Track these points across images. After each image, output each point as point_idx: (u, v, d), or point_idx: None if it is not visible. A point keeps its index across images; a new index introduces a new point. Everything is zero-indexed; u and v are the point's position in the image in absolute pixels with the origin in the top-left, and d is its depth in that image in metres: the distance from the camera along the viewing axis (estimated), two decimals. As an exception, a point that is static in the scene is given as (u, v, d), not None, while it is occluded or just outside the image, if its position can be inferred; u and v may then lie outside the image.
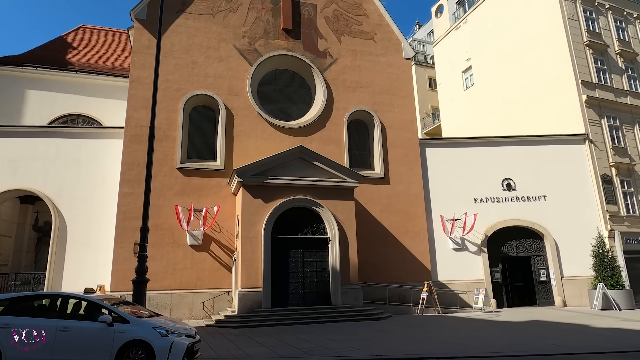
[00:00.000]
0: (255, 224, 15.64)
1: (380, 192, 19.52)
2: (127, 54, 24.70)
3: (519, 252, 20.45)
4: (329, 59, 20.53)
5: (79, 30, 26.71)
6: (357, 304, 15.93)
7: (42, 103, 21.71)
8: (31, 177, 17.25)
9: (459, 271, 19.46)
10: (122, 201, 16.34)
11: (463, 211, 19.84)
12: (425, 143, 21.45)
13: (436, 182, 20.46)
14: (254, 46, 19.60)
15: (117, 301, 8.82)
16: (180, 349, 7.80)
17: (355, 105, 20.32)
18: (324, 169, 16.85)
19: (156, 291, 15.58)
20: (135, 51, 18.07)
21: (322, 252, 16.26)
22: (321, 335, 12.07)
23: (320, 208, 16.42)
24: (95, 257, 16.53)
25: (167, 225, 16.59)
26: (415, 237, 19.42)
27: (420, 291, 17.88)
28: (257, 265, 15.30)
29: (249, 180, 15.95)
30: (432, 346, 10.38)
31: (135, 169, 16.59)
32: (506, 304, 19.64)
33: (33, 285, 16.89)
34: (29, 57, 22.96)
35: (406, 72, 21.78)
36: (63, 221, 17.05)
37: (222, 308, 16.26)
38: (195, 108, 18.60)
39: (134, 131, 17.08)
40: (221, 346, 10.54)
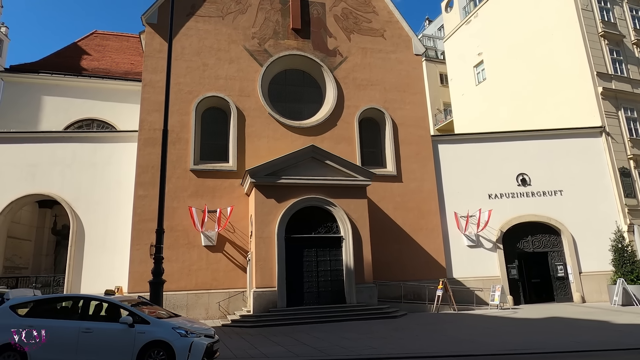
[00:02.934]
0: (268, 224, 15.72)
1: (393, 189, 19.44)
2: (139, 58, 25.02)
3: (535, 248, 20.17)
4: (339, 57, 20.50)
5: (91, 36, 27.14)
6: (371, 303, 15.90)
7: (58, 109, 22.14)
8: (49, 181, 17.60)
9: (474, 268, 19.28)
10: (138, 203, 16.57)
11: (477, 207, 19.65)
12: (437, 139, 21.28)
13: (449, 179, 20.29)
14: (263, 47, 19.67)
15: (136, 302, 8.95)
16: (200, 349, 7.90)
17: (366, 103, 20.26)
18: (336, 167, 16.84)
19: (172, 292, 15.77)
20: (147, 55, 18.29)
21: (336, 251, 16.27)
22: (336, 334, 12.09)
23: (333, 207, 16.43)
24: (113, 259, 16.80)
25: (182, 227, 16.77)
26: (429, 235, 19.30)
27: (435, 289, 17.77)
28: (272, 265, 15.37)
29: (261, 180, 16.03)
30: (448, 344, 10.31)
31: (149, 171, 16.81)
32: (523, 301, 19.39)
33: (53, 288, 17.27)
34: (44, 64, 23.43)
35: (417, 68, 21.64)
36: (81, 224, 17.37)
37: (238, 308, 16.39)
38: (207, 110, 18.75)
39: (148, 134, 17.30)
40: (238, 346, 10.63)
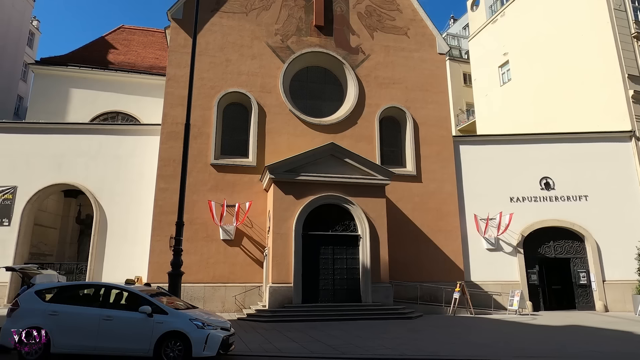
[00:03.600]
0: (286, 220, 15.79)
1: (412, 190, 19.26)
2: (164, 53, 25.42)
3: (557, 253, 19.70)
4: (361, 55, 20.39)
5: (118, 31, 27.70)
6: (387, 303, 15.82)
7: (85, 101, 22.69)
8: (75, 172, 18.08)
9: (493, 272, 18.96)
10: (159, 196, 16.87)
11: (498, 210, 19.30)
12: (459, 140, 20.98)
13: (470, 181, 19.99)
14: (286, 43, 19.72)
15: (155, 292, 9.12)
16: (216, 342, 8.00)
17: (388, 101, 20.11)
18: (355, 166, 16.79)
19: (190, 284, 16.01)
20: (172, 50, 18.56)
21: (353, 249, 16.24)
22: (351, 332, 12.07)
23: (351, 205, 16.39)
24: (133, 250, 17.16)
25: (201, 220, 17.00)
26: (447, 236, 19.07)
27: (452, 291, 17.56)
28: (288, 261, 15.45)
29: (280, 176, 16.11)
30: (463, 348, 10.18)
31: (171, 165, 17.09)
32: (543, 307, 18.98)
33: (76, 275, 17.76)
34: (72, 57, 24.03)
35: (440, 67, 21.35)
36: (104, 214, 17.79)
37: (254, 302, 16.54)
38: (229, 105, 18.93)
39: (170, 128, 17.58)
40: (253, 340, 10.73)
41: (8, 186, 17.60)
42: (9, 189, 17.58)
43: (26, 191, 17.59)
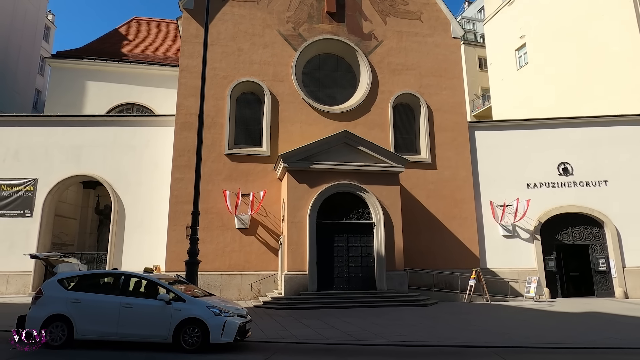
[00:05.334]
0: (300, 208, 15.86)
1: (427, 177, 19.11)
2: (176, 44, 25.50)
3: (575, 240, 19.39)
4: (374, 41, 20.13)
5: (131, 23, 27.86)
6: (402, 290, 15.84)
7: (100, 93, 22.99)
8: (92, 163, 18.41)
9: (509, 259, 18.79)
10: (174, 186, 17.09)
11: (514, 197, 19.03)
12: (474, 126, 20.66)
13: (486, 167, 19.72)
14: (298, 31, 19.58)
15: (172, 280, 9.30)
16: (233, 328, 8.14)
17: (401, 88, 19.87)
18: (368, 153, 16.71)
19: (207, 272, 16.26)
20: (184, 40, 18.60)
21: (367, 237, 16.25)
22: (366, 319, 12.15)
23: (365, 193, 16.35)
24: (151, 239, 17.48)
25: (217, 210, 17.18)
26: (462, 223, 18.92)
27: (467, 278, 17.48)
28: (303, 249, 15.55)
29: (294, 165, 16.14)
30: (478, 334, 10.16)
31: (185, 155, 17.25)
32: (560, 294, 18.77)
33: (96, 264, 18.19)
34: (87, 50, 24.32)
35: (455, 52, 20.96)
36: (121, 205, 18.13)
37: (269, 290, 16.74)
38: (242, 95, 18.95)
39: (184, 119, 17.71)
40: (269, 326, 10.89)
41: (29, 178, 18.04)
42: (29, 181, 18.02)
43: (46, 183, 18.00)
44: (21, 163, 18.17)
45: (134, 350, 8.08)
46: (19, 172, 18.08)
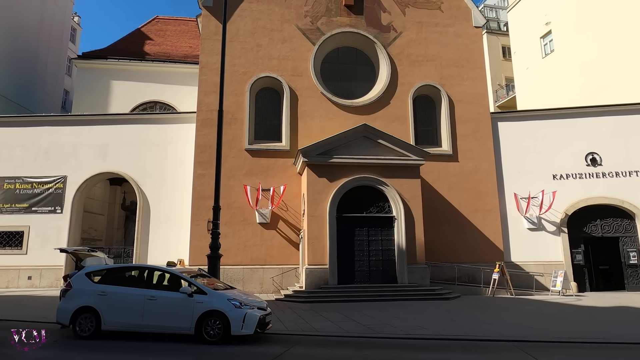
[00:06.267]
0: (320, 202, 15.91)
1: (449, 169, 18.84)
2: (197, 41, 25.83)
3: (604, 232, 18.78)
4: (393, 33, 19.89)
5: (153, 22, 28.38)
6: (423, 283, 15.73)
7: (125, 92, 23.56)
8: (118, 160, 18.92)
9: (534, 252, 18.37)
10: (197, 182, 17.40)
11: (540, 189, 18.56)
12: (497, 117, 20.21)
13: (510, 159, 19.28)
14: (316, 25, 19.52)
15: (195, 274, 9.51)
16: (253, 320, 8.28)
17: (421, 80, 19.60)
18: (388, 147, 16.58)
19: (230, 266, 16.53)
20: (204, 38, 18.83)
21: (388, 230, 16.17)
22: (387, 313, 12.12)
23: (385, 187, 16.26)
24: (175, 234, 17.87)
25: (238, 205, 17.41)
26: (486, 216, 18.59)
27: (491, 272, 17.19)
28: (323, 243, 15.62)
29: (313, 159, 16.17)
30: (502, 328, 9.99)
31: (207, 151, 17.52)
32: (589, 288, 18.24)
33: (123, 258, 18.75)
34: (111, 50, 24.93)
35: (477, 41, 20.50)
36: (146, 201, 18.59)
37: (290, 283, 16.90)
38: (261, 90, 19.08)
39: (205, 115, 17.97)
40: (290, 319, 11.00)
41: (59, 176, 18.69)
42: (59, 178, 18.67)
43: (75, 180, 18.62)
44: (51, 161, 18.84)
45: (158, 342, 8.32)
46: (50, 170, 18.75)
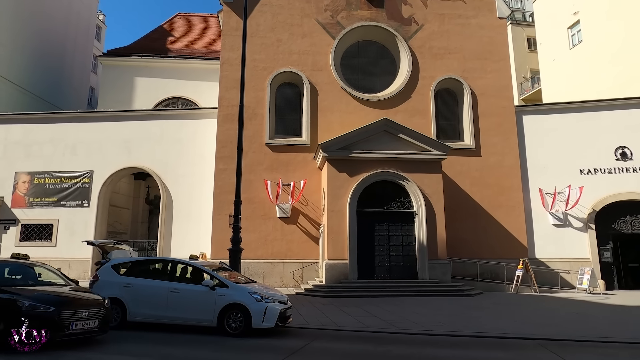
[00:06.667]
0: (340, 197, 15.89)
1: (471, 164, 18.52)
2: (218, 37, 26.02)
3: (634, 229, 18.15)
4: (414, 26, 19.60)
5: (175, 19, 28.74)
6: (445, 279, 15.57)
7: (148, 88, 23.96)
8: (142, 155, 19.30)
9: (560, 249, 17.93)
10: (218, 177, 17.62)
11: (566, 184, 18.06)
12: (522, 110, 19.74)
13: (535, 153, 18.82)
14: (336, 19, 19.41)
15: (217, 267, 9.66)
16: (274, 314, 8.36)
17: (443, 73, 19.28)
18: (409, 141, 16.42)
19: (251, 260, 16.70)
20: (225, 34, 18.97)
21: (408, 226, 16.04)
22: (407, 308, 12.06)
23: (406, 181, 16.11)
24: (197, 228, 18.15)
25: (259, 199, 17.56)
26: (509, 212, 18.22)
27: (514, 269, 16.87)
28: (343, 237, 15.61)
29: (333, 154, 16.15)
30: (527, 326, 9.80)
31: (228, 146, 17.69)
32: (617, 286, 17.71)
33: (147, 252, 19.16)
34: (135, 47, 25.37)
35: (501, 33, 20.01)
36: (169, 195, 18.93)
37: (311, 278, 16.98)
38: (281, 85, 19.12)
39: (226, 111, 18.13)
40: (310, 313, 11.06)
41: (85, 171, 19.21)
42: (86, 173, 19.19)
43: (101, 175, 19.10)
44: (78, 156, 19.36)
45: (182, 333, 8.49)
46: (77, 165, 19.28)
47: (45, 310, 6.53)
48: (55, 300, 6.84)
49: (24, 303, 6.52)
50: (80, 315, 6.89)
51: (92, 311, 7.09)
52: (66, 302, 6.94)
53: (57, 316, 6.59)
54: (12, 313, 6.43)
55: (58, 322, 6.58)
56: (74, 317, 6.81)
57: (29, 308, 6.48)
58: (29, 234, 18.86)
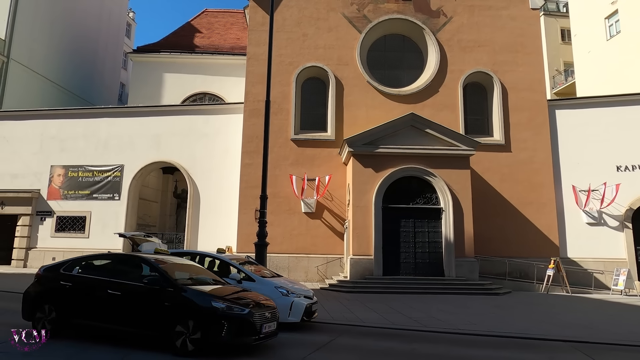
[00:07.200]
0: (365, 193, 15.78)
1: (500, 160, 18.06)
2: (244, 33, 26.20)
3: (675, 229, 17.33)
4: (443, 18, 19.18)
5: (202, 15, 29.10)
6: (472, 278, 15.27)
7: (176, 84, 24.40)
8: (170, 150, 19.70)
9: (594, 248, 17.30)
10: (244, 171, 17.79)
11: (601, 181, 17.37)
12: (555, 104, 19.08)
13: (568, 149, 18.17)
14: (362, 12, 19.20)
15: (243, 261, 9.74)
16: (300, 309, 8.37)
17: (472, 66, 18.81)
18: (436, 136, 16.12)
19: (276, 254, 16.80)
20: (251, 29, 19.06)
21: (435, 222, 15.80)
22: (433, 306, 11.89)
23: (433, 177, 15.85)
24: (223, 221, 18.41)
25: (284, 194, 17.64)
26: (540, 209, 17.69)
27: (545, 268, 16.39)
28: (368, 233, 15.51)
29: (359, 149, 16.04)
30: (557, 327, 9.49)
31: (254, 141, 17.83)
32: (655, 288, 16.97)
33: (175, 244, 19.59)
34: (163, 44, 25.83)
35: (533, 24, 19.35)
36: (196, 189, 19.26)
37: (335, 273, 16.97)
38: (307, 80, 19.09)
39: (252, 106, 18.26)
40: (335, 309, 11.05)
41: (116, 165, 19.75)
42: (117, 167, 19.73)
43: (131, 169, 19.60)
44: (109, 151, 19.92)
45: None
46: (108, 159, 19.85)
47: (240, 312, 6.17)
48: (246, 302, 6.48)
49: (219, 304, 6.14)
50: (266, 316, 6.51)
51: (272, 312, 6.73)
52: (256, 304, 6.55)
53: (252, 318, 6.23)
54: (204, 314, 6.06)
55: (252, 325, 6.22)
56: (264, 319, 6.43)
57: (226, 310, 6.09)
58: (64, 226, 19.57)
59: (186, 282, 6.76)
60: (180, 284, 6.50)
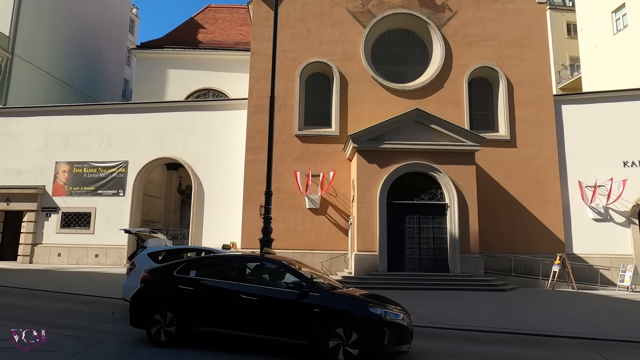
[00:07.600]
0: (370, 189, 15.73)
1: (505, 155, 17.95)
2: (248, 29, 26.12)
3: (682, 225, 17.20)
4: (448, 12, 19.02)
5: (205, 11, 29.00)
6: (477, 274, 15.22)
7: (179, 80, 24.38)
8: (174, 146, 19.70)
9: (600, 244, 17.20)
10: (248, 167, 17.76)
11: (608, 177, 17.25)
12: (561, 100, 18.92)
13: (574, 144, 18.04)
14: (367, 7, 19.07)
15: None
16: None
17: (477, 61, 18.67)
18: (441, 132, 16.03)
19: (280, 250, 16.76)
20: (255, 24, 18.97)
21: (440, 218, 15.73)
22: (439, 302, 11.85)
23: (438, 173, 15.78)
24: (228, 217, 18.42)
25: (288, 190, 17.61)
26: (546, 205, 17.59)
27: (550, 264, 16.32)
28: (373, 229, 15.47)
29: (363, 145, 15.97)
30: (565, 324, 9.44)
31: (258, 137, 17.79)
32: (662, 285, 16.87)
33: (180, 240, 19.63)
34: (167, 40, 25.79)
35: (539, 18, 19.17)
36: (200, 185, 19.26)
37: (340, 269, 16.95)
38: (311, 76, 19.00)
39: (256, 101, 18.20)
40: (340, 305, 10.99)
41: (121, 161, 19.77)
42: (121, 163, 19.75)
43: (136, 165, 19.62)
44: (114, 147, 19.94)
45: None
46: (112, 155, 19.88)
47: (396, 318, 5.80)
48: (396, 307, 6.13)
49: (377, 310, 5.75)
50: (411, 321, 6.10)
51: (410, 316, 6.29)
52: (404, 310, 6.19)
53: (407, 324, 5.87)
54: (364, 321, 5.63)
55: (408, 331, 5.87)
56: (412, 326, 6.03)
57: (384, 316, 5.72)
58: (69, 222, 19.64)
59: (325, 285, 6.32)
60: (327, 288, 6.08)
